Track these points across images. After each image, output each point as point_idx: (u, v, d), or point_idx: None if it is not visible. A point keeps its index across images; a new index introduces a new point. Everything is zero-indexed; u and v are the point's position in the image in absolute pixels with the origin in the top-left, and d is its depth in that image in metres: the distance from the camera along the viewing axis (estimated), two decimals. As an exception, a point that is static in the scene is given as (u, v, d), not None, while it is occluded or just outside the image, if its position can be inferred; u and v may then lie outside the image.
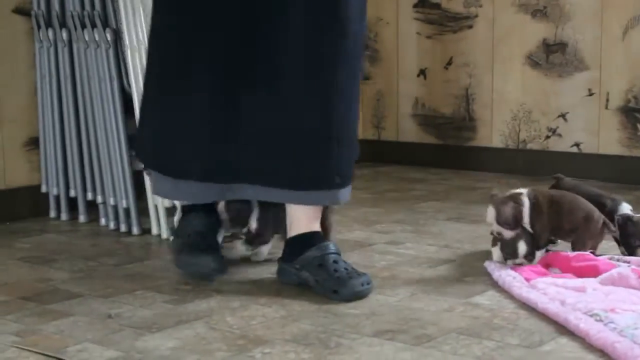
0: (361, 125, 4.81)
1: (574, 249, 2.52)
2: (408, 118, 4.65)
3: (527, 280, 2.37)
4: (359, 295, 2.32)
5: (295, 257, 2.43)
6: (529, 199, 2.51)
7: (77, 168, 3.30)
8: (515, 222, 2.48)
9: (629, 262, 2.47)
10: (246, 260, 2.72)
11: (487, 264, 2.54)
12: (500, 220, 2.48)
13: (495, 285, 2.39)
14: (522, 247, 2.48)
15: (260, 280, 2.50)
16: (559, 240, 2.67)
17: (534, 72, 4.21)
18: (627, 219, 2.60)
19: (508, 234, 2.49)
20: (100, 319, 2.19)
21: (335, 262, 2.40)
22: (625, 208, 2.66)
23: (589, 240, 2.52)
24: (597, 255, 2.48)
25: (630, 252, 2.57)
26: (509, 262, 2.50)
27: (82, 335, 2.06)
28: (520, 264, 2.48)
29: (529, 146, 4.25)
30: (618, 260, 2.51)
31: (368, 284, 2.35)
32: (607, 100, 4.01)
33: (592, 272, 2.38)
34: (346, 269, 2.38)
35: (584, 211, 2.52)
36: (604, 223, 2.52)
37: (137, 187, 3.13)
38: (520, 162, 4.25)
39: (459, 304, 2.26)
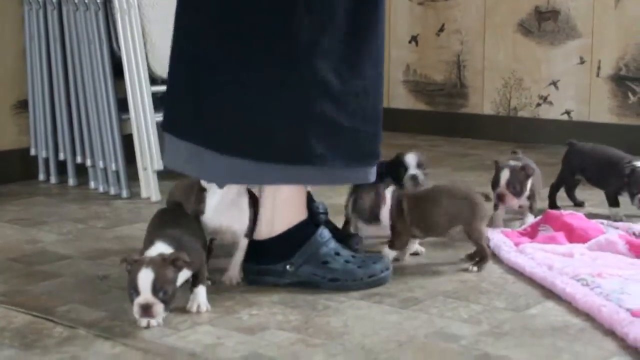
0: (352, 91, 4.79)
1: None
2: (399, 84, 4.63)
3: (516, 245, 2.37)
4: (369, 285, 2.11)
5: (285, 256, 2.14)
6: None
7: (67, 131, 3.29)
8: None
9: (617, 228, 2.48)
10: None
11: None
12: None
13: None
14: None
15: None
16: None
17: (526, 39, 4.20)
18: (633, 168, 2.64)
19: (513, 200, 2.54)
20: (88, 280, 2.19)
21: (337, 253, 2.15)
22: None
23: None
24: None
25: (632, 199, 2.64)
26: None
27: (70, 296, 2.06)
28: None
29: (520, 114, 4.25)
30: (608, 225, 2.52)
31: (375, 274, 2.13)
32: (599, 68, 4.00)
33: (582, 237, 2.39)
34: (353, 256, 2.17)
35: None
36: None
37: (127, 151, 3.12)
38: (510, 129, 4.25)
39: (447, 268, 2.26)
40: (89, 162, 3.24)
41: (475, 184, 2.77)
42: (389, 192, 2.27)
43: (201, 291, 1.98)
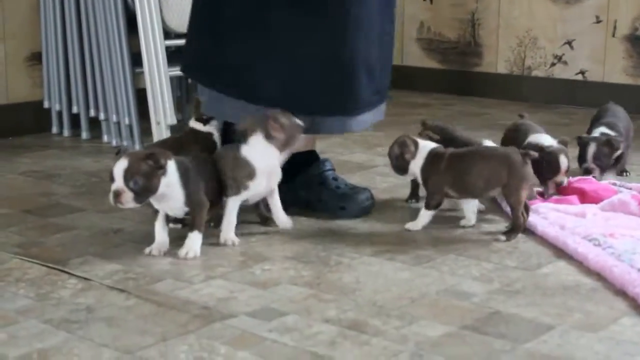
0: (366, 48, 4.77)
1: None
2: (413, 42, 4.61)
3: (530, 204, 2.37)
4: (365, 210, 2.34)
5: (292, 177, 2.34)
6: None
7: (80, 84, 3.29)
8: None
9: (630, 189, 2.47)
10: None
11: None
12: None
13: (497, 209, 2.39)
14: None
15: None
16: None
17: (542, -2, 4.18)
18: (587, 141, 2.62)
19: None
20: (102, 233, 2.20)
21: (334, 179, 2.40)
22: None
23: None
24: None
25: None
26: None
27: (83, 249, 2.08)
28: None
29: (534, 73, 4.23)
30: (621, 186, 2.52)
31: (372, 198, 2.37)
32: (615, 28, 3.97)
33: (594, 199, 2.38)
34: (346, 184, 2.40)
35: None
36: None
37: (140, 105, 3.12)
38: (524, 89, 4.23)
39: (458, 226, 2.26)
40: (102, 116, 3.25)
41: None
42: (424, 146, 2.24)
43: (193, 237, 2.02)
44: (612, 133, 2.63)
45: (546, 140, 2.46)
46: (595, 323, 1.67)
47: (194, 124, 2.41)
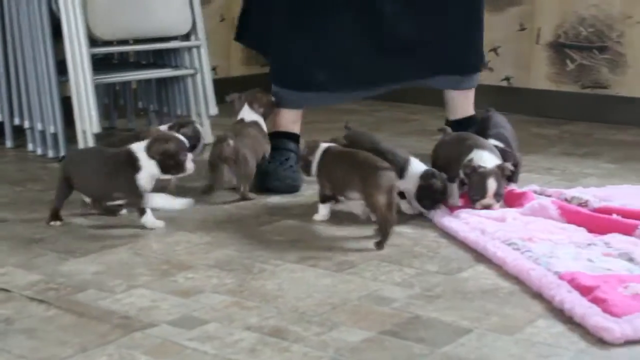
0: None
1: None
2: (342, 49, 4.63)
3: (451, 210, 2.41)
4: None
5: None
6: None
7: (4, 92, 3.25)
8: None
9: (550, 195, 2.52)
10: (175, 187, 2.72)
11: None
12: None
13: (420, 215, 2.42)
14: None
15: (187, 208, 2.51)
16: None
17: (468, 5, 4.22)
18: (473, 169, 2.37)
19: None
20: (24, 243, 2.18)
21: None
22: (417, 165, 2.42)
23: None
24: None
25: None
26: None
27: (5, 259, 2.06)
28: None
29: (461, 79, 4.27)
30: (541, 193, 2.56)
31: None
32: (538, 35, 4.05)
33: (515, 203, 2.43)
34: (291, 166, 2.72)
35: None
36: None
37: (66, 113, 3.09)
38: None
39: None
40: (27, 124, 3.21)
41: (413, 149, 2.79)
42: (321, 146, 2.37)
43: (144, 219, 2.26)
44: (501, 145, 2.54)
45: (487, 159, 2.37)
46: (511, 326, 1.70)
47: None
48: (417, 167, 2.39)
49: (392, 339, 1.64)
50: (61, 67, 3.09)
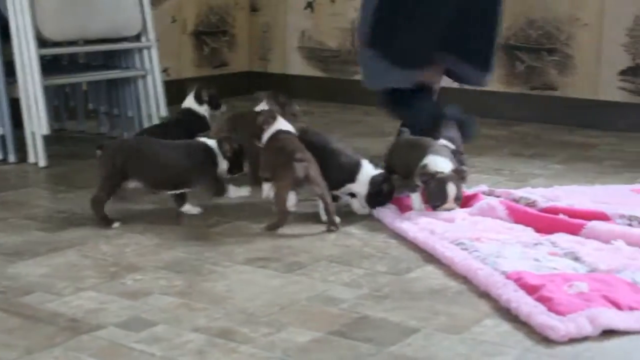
0: (248, 57, 4.79)
1: None
2: (295, 51, 4.65)
3: (402, 211, 2.42)
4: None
5: None
6: None
7: (-49, 94, 3.21)
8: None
9: (499, 196, 2.54)
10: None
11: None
12: None
13: (371, 216, 2.43)
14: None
15: (137, 210, 2.50)
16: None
17: (419, 7, 4.25)
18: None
19: None
20: (-30, 246, 2.16)
21: None
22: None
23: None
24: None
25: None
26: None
27: (-50, 263, 2.04)
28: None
29: (413, 81, 4.29)
30: (489, 194, 2.58)
31: None
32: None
33: (465, 203, 2.45)
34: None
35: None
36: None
37: (14, 115, 3.06)
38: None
39: (333, 233, 2.29)
40: (-26, 126, 3.17)
41: (366, 150, 2.79)
42: (275, 127, 2.45)
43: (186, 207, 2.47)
44: (452, 146, 2.58)
45: (442, 164, 2.36)
46: (459, 325, 1.72)
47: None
48: (367, 171, 2.41)
49: (340, 339, 1.65)
50: (9, 69, 3.06)
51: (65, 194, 2.67)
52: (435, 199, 2.33)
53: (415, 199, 2.41)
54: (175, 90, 3.94)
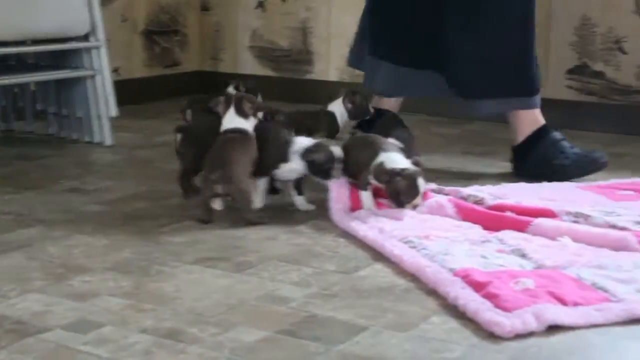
0: (199, 57, 4.78)
1: None
2: (246, 50, 4.64)
3: (352, 209, 2.43)
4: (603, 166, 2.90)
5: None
6: None
7: None
8: None
9: (447, 194, 2.56)
10: (74, 190, 2.69)
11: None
12: None
13: (321, 214, 2.44)
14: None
15: (85, 211, 2.48)
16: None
17: (370, 7, 4.26)
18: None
19: None
20: None
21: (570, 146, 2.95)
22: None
23: None
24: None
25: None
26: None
27: None
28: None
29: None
30: (438, 192, 2.59)
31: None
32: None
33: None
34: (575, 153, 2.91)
35: None
36: None
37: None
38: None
39: (282, 232, 2.30)
40: None
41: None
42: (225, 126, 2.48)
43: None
44: (400, 144, 2.55)
45: (399, 160, 2.35)
46: (406, 322, 1.73)
47: None
48: (299, 145, 2.44)
49: (288, 338, 1.65)
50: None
51: (12, 195, 2.64)
52: (407, 195, 2.32)
53: (366, 197, 2.42)
54: (126, 90, 3.94)
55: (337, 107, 2.90)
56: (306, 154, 2.41)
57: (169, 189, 2.69)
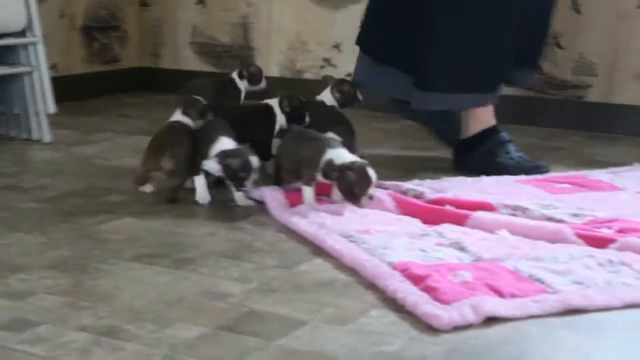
0: (139, 53, 4.74)
1: None
2: (187, 46, 4.61)
3: (292, 205, 2.43)
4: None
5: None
6: None
7: None
8: None
9: (387, 188, 2.57)
10: (11, 188, 2.66)
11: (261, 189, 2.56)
12: None
13: (261, 210, 2.44)
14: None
15: (23, 208, 2.45)
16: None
17: (310, 2, 4.27)
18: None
19: None
20: None
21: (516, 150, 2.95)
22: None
23: None
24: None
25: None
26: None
27: None
28: None
29: (305, 75, 4.32)
30: (378, 186, 2.60)
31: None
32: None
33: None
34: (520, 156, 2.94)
35: None
36: None
37: None
38: (297, 91, 4.29)
39: (222, 228, 2.29)
40: None
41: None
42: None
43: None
44: (339, 138, 2.57)
45: (347, 155, 2.36)
46: (346, 317, 1.73)
47: None
48: (222, 146, 2.44)
49: (227, 333, 1.64)
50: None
51: (-53, 193, 2.60)
52: (361, 186, 2.31)
53: (308, 193, 2.42)
54: (65, 86, 3.89)
55: (327, 97, 2.89)
56: (223, 157, 2.40)
57: (108, 185, 2.68)
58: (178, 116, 2.63)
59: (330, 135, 2.56)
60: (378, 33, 3.03)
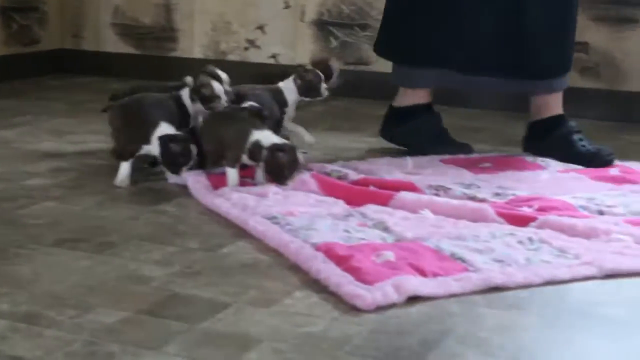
0: (60, 34, 4.65)
1: None
2: (108, 27, 4.54)
3: (215, 187, 2.41)
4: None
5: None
6: None
7: None
8: None
9: (311, 169, 2.56)
10: None
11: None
12: None
13: (184, 192, 2.42)
14: None
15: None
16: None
17: (234, -17, 4.25)
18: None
19: None
20: None
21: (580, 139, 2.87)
22: None
23: None
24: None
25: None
26: None
27: None
28: None
29: (229, 57, 4.29)
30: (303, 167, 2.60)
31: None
32: (303, 13, 4.11)
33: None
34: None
35: None
36: None
37: None
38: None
39: (145, 211, 2.27)
40: None
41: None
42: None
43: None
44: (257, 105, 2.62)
45: (274, 137, 2.38)
46: (269, 298, 1.73)
47: None
48: (162, 130, 2.42)
49: (150, 317, 1.63)
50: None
51: None
52: (290, 168, 2.33)
53: (232, 174, 2.41)
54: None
55: (289, 84, 2.84)
56: (164, 141, 2.39)
57: (28, 169, 2.63)
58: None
59: (250, 103, 2.56)
60: (407, 36, 2.97)
